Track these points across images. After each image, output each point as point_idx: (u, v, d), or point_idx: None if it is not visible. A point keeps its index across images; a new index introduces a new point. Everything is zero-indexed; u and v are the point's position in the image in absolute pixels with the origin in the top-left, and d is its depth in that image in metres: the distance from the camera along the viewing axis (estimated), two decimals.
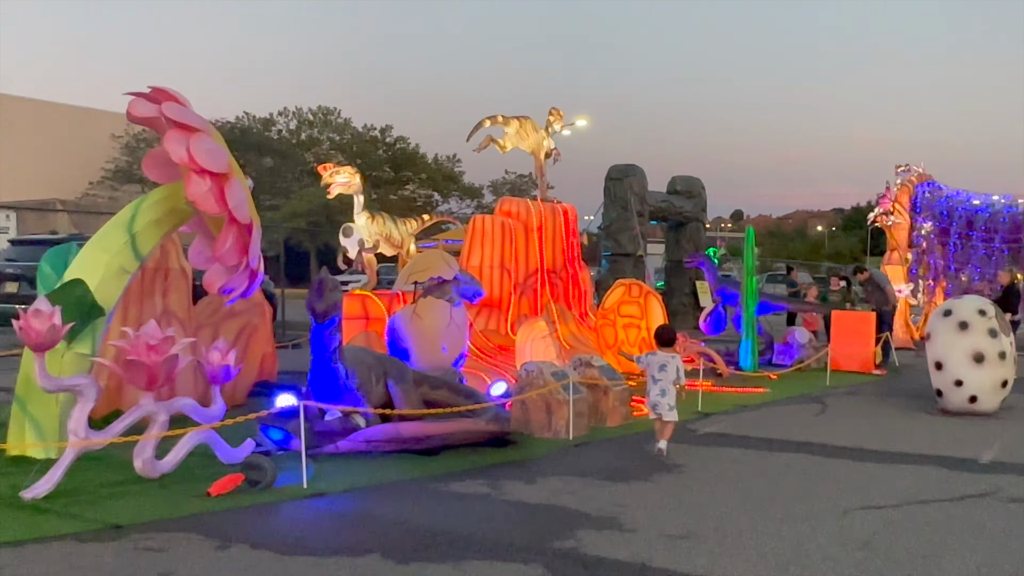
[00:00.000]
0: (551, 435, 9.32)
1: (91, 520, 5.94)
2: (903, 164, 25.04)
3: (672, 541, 5.74)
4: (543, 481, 7.39)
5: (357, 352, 8.82)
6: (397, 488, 7.10)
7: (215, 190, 7.48)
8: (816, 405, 12.31)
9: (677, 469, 8.00)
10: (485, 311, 14.97)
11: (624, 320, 14.65)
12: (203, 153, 7.38)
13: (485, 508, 6.51)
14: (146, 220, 7.91)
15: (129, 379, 6.89)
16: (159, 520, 6.00)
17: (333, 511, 6.38)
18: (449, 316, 10.74)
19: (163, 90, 7.69)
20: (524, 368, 9.73)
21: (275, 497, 6.68)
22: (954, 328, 11.49)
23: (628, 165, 25.00)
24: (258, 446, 8.01)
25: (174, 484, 6.95)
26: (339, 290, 8.25)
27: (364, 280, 14.73)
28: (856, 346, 16.60)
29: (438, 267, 10.97)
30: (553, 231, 16.10)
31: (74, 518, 5.98)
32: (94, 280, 7.58)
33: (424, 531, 5.85)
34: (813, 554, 5.54)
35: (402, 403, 8.81)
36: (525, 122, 16.06)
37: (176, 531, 5.77)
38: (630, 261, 24.08)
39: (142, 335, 6.85)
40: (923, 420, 11.14)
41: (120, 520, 5.95)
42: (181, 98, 7.73)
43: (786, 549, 5.62)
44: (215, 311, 10.77)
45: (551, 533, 5.86)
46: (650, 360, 8.73)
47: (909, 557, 5.52)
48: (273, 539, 5.64)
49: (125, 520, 5.96)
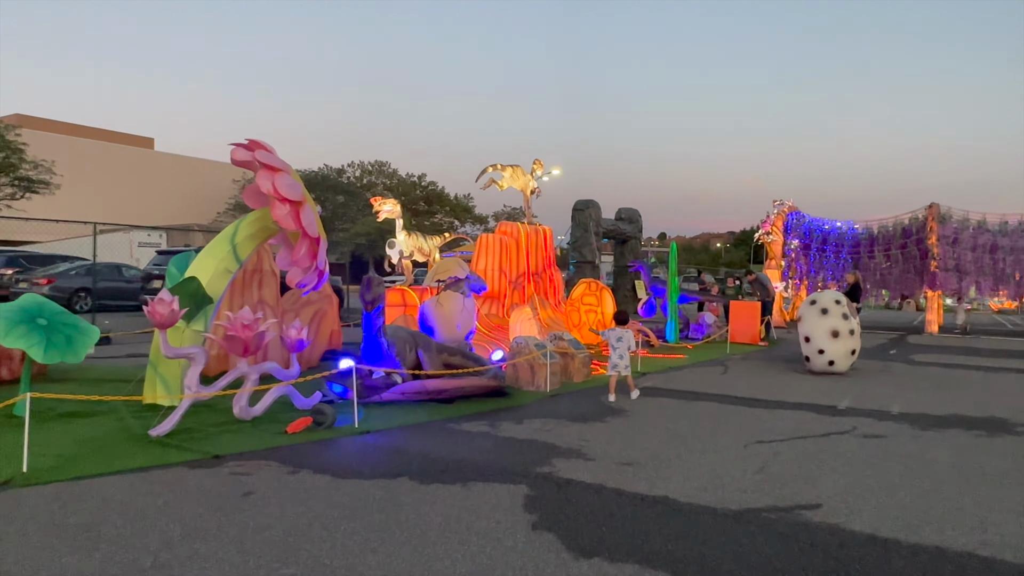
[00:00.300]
0: (534, 388, 8.95)
1: (199, 452, 5.55)
2: (778, 199, 24.80)
3: (621, 467, 5.37)
4: (528, 422, 7.02)
5: (396, 329, 8.44)
6: (423, 427, 6.71)
7: (293, 213, 7.11)
8: (721, 367, 11.93)
9: (624, 413, 7.63)
10: (488, 301, 14.65)
11: (585, 307, 14.26)
12: (284, 187, 7.01)
13: (485, 443, 6.13)
14: (244, 235, 7.52)
15: (229, 349, 6.50)
16: (249, 452, 5.62)
17: (376, 445, 6.00)
18: (462, 304, 10.37)
19: (256, 141, 7.32)
20: (515, 341, 9.36)
21: (335, 434, 6.30)
22: (818, 313, 11.14)
23: (588, 200, 24.89)
24: (324, 396, 7.64)
25: (262, 425, 6.56)
26: (382, 286, 7.89)
27: (404, 279, 14.38)
28: (747, 326, 16.25)
29: (454, 270, 10.63)
30: (536, 245, 15.81)
31: (186, 451, 5.59)
32: (205, 277, 7.20)
33: (441, 460, 5.48)
34: (723, 476, 5.18)
35: (428, 366, 8.45)
36: (516, 168, 15.79)
37: (260, 460, 5.39)
38: (589, 266, 24.13)
39: (238, 317, 6.48)
40: (797, 378, 10.77)
41: (220, 451, 5.57)
42: (269, 147, 7.35)
43: (703, 474, 5.26)
44: (296, 300, 10.36)
45: (533, 461, 5.49)
46: (610, 334, 8.58)
47: (793, 478, 5.16)
48: (331, 466, 5.27)
49: (224, 451, 5.58)
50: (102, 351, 11.66)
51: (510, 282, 14.87)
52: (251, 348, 6.50)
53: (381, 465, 5.32)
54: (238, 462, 5.31)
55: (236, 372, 6.56)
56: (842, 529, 4.13)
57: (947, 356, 14.72)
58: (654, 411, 7.79)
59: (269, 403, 6.79)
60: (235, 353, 6.51)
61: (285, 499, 4.46)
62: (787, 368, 11.94)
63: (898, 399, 8.89)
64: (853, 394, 9.22)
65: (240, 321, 6.43)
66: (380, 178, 63.82)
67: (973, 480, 5.22)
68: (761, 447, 6.15)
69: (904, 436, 6.74)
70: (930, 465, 5.64)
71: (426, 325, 10.27)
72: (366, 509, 4.30)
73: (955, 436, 6.78)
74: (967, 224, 21.78)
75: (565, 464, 5.43)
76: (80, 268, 19.89)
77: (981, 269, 21.00)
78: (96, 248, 15.04)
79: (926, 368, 12.43)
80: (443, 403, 7.84)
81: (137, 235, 31.28)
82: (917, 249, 21.71)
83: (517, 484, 4.87)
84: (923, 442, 6.48)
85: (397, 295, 12.55)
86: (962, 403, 8.68)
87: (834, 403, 8.51)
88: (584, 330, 13.71)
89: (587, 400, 8.40)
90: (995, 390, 9.96)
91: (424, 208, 63.93)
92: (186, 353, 6.26)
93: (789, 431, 6.86)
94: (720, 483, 5.02)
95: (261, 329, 6.56)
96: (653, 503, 4.55)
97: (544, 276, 16.02)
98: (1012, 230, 21.58)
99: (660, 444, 6.19)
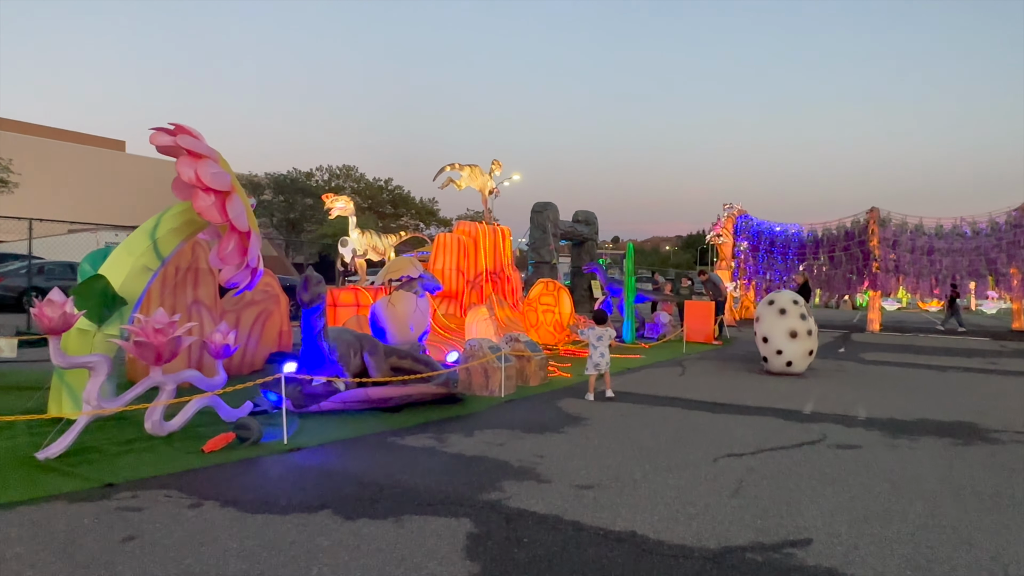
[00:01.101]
0: (488, 393, 7.99)
1: (89, 479, 4.45)
2: (728, 203, 24.29)
3: (580, 492, 4.43)
4: (479, 434, 6.04)
5: (339, 331, 7.38)
6: (361, 442, 5.68)
7: (218, 204, 6.02)
8: (678, 368, 11.11)
9: (582, 421, 6.70)
10: (445, 300, 13.66)
11: (543, 307, 13.32)
12: (208, 174, 5.91)
13: (429, 461, 5.13)
14: (167, 228, 6.38)
15: (139, 356, 5.39)
16: (150, 478, 4.54)
17: (303, 465, 4.96)
18: (415, 304, 9.37)
19: (181, 125, 6.21)
20: (468, 343, 8.37)
21: (259, 452, 5.24)
22: (776, 313, 10.37)
23: (546, 202, 24.18)
24: (256, 406, 6.57)
25: (179, 441, 5.48)
26: (322, 284, 6.83)
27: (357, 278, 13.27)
28: (702, 325, 15.50)
29: (407, 268, 9.62)
30: (494, 245, 14.87)
31: (75, 477, 4.49)
32: (120, 276, 6.06)
33: (375, 485, 4.47)
34: (695, 502, 4.28)
35: (374, 371, 7.42)
36: (475, 168, 14.84)
37: (160, 488, 4.32)
38: (547, 267, 23.50)
39: (150, 320, 5.38)
40: (755, 379, 9.99)
41: (115, 478, 4.49)
42: (195, 132, 6.24)
43: (673, 498, 4.35)
44: (239, 300, 9.20)
45: (481, 485, 4.52)
46: (590, 333, 8.02)
47: (773, 503, 4.29)
48: (244, 495, 4.22)
49: (119, 478, 4.49)
50: (39, 354, 10.31)
51: (468, 282, 13.89)
52: (165, 355, 5.40)
53: (304, 493, 4.29)
54: (133, 492, 4.23)
55: (147, 382, 5.44)
56: (843, 575, 3.25)
57: (894, 355, 14.17)
58: (614, 419, 6.88)
59: (188, 416, 5.70)
60: (146, 361, 5.41)
61: (172, 546, 3.41)
62: (744, 368, 11.17)
63: (861, 402, 8.14)
64: (815, 397, 8.45)
65: (152, 325, 5.33)
66: (348, 182, 62.50)
67: (970, 503, 4.41)
68: (732, 462, 5.28)
69: (879, 446, 5.93)
70: (918, 483, 4.82)
71: (377, 326, 9.25)
72: (271, 560, 3.28)
73: (931, 445, 6.01)
74: (905, 227, 21.48)
75: (517, 488, 4.47)
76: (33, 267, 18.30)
77: (920, 270, 20.68)
78: (32, 246, 13.57)
79: (878, 368, 11.79)
80: (389, 412, 6.82)
81: (104, 235, 29.53)
82: (860, 251, 21.32)
83: (460, 518, 3.90)
84: (901, 453, 5.68)
85: (350, 294, 11.47)
86: (926, 406, 7.97)
87: (798, 407, 7.71)
88: (542, 331, 12.78)
89: (544, 406, 7.46)
90: (951, 391, 9.31)
91: (391, 211, 62.80)
92: (84, 362, 5.13)
93: (758, 441, 6.00)
94: (693, 511, 4.11)
95: (176, 334, 5.47)
96: (618, 541, 3.61)
97: (502, 276, 15.10)
98: (947, 233, 21.35)
99: (623, 460, 5.27)
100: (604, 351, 7.93)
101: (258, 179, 57.37)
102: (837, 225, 22.77)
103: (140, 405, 5.35)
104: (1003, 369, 11.87)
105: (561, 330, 12.83)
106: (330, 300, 11.56)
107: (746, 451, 5.63)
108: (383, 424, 6.32)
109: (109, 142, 61.11)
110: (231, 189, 6.09)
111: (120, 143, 62.80)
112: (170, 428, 5.57)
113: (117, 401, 5.25)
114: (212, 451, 5.16)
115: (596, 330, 8.02)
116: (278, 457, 5.15)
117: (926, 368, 11.84)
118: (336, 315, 11.42)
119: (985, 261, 20.36)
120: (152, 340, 5.29)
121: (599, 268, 19.96)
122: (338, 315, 11.36)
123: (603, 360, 7.91)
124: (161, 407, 5.49)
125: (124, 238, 6.40)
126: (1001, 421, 7.12)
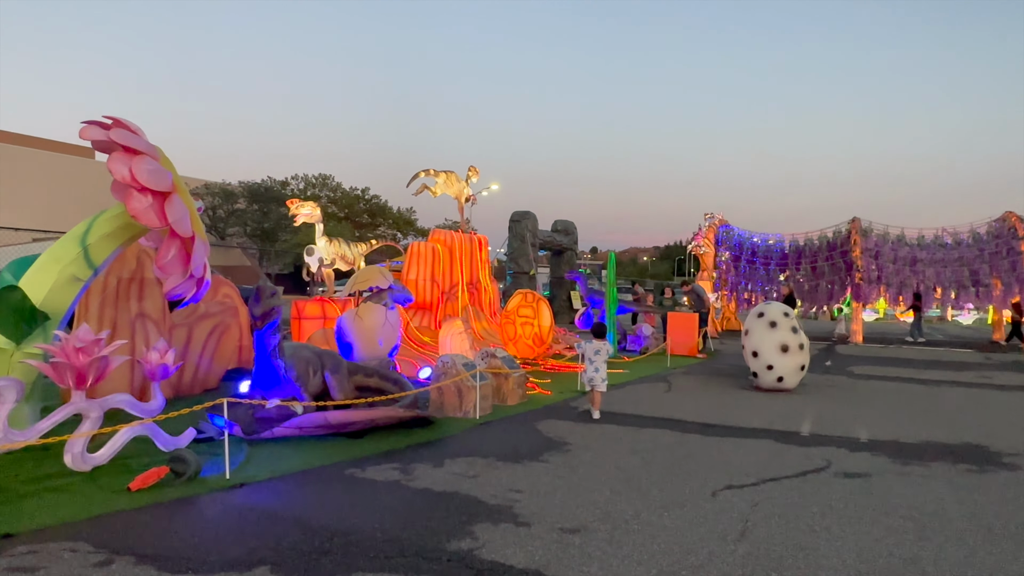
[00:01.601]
0: (462, 414, 7.35)
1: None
2: (709, 212, 23.96)
3: (564, 538, 3.82)
4: (450, 463, 5.41)
5: (297, 348, 6.72)
6: (315, 475, 5.02)
7: (156, 206, 5.36)
8: (664, 384, 10.55)
9: (564, 447, 6.10)
10: (420, 312, 13.04)
11: (522, 319, 12.73)
12: (144, 172, 5.25)
13: (391, 498, 4.49)
14: (100, 234, 5.70)
15: (57, 379, 4.70)
16: (60, 525, 3.86)
17: (245, 506, 4.29)
18: (384, 317, 8.72)
19: (116, 119, 5.54)
20: (440, 360, 7.74)
21: (196, 489, 4.57)
22: (766, 326, 9.88)
23: (525, 211, 23.81)
24: (201, 433, 5.87)
25: (105, 477, 4.78)
26: (277, 296, 6.16)
27: (324, 289, 12.57)
28: (685, 337, 15.01)
29: (375, 279, 8.96)
30: (471, 254, 14.31)
31: None
32: (44, 287, 5.37)
33: (324, 532, 3.82)
34: (698, 550, 3.69)
35: (337, 391, 6.76)
36: (450, 174, 14.26)
37: (68, 539, 3.64)
38: (526, 277, 23.11)
39: (71, 338, 4.69)
40: (745, 396, 9.47)
41: (15, 526, 3.79)
42: (133, 126, 5.58)
43: (672, 546, 3.75)
44: (191, 313, 8.49)
45: (450, 530, 3.89)
46: (588, 347, 7.59)
47: (787, 550, 3.71)
48: (165, 549, 3.55)
49: (20, 526, 3.80)
50: None
51: (443, 293, 13.27)
52: (88, 378, 4.72)
53: (240, 543, 3.64)
54: (32, 546, 3.54)
55: (68, 409, 4.75)
56: None
57: (883, 368, 13.77)
58: (600, 443, 6.29)
59: (117, 448, 5.00)
60: (64, 384, 4.72)
61: None
62: (732, 384, 10.65)
63: (860, 422, 7.64)
64: (810, 416, 7.93)
65: (72, 343, 4.64)
66: (324, 191, 61.56)
67: (1006, 546, 3.87)
68: (733, 496, 4.71)
69: (889, 474, 5.41)
70: (943, 520, 4.28)
71: (344, 341, 8.59)
72: None
73: (945, 472, 5.49)
74: (887, 238, 21.28)
75: (491, 533, 3.85)
76: None
77: (903, 281, 20.45)
78: None
79: (869, 383, 11.35)
80: (351, 437, 6.17)
81: None
82: (843, 261, 21.05)
83: (420, 574, 3.27)
84: (915, 483, 5.16)
85: (317, 306, 10.79)
86: (928, 426, 7.49)
87: (794, 428, 7.19)
88: (520, 344, 12.19)
89: (522, 429, 6.85)
90: (950, 408, 8.87)
91: (368, 221, 61.89)
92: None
93: (758, 469, 5.45)
94: (696, 560, 3.53)
95: (104, 352, 4.79)
96: None
97: (479, 286, 14.52)
98: (929, 244, 21.17)
99: (611, 495, 4.67)
100: (600, 366, 7.50)
101: (232, 187, 56.23)
102: (819, 235, 22.53)
103: (59, 437, 4.65)
104: (997, 383, 11.50)
105: (541, 343, 12.24)
106: (295, 313, 10.87)
107: (746, 482, 5.07)
108: (343, 452, 5.66)
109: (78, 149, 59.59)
110: (171, 189, 5.43)
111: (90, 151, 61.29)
112: (95, 462, 4.87)
113: (29, 432, 4.55)
114: (140, 489, 4.48)
115: (594, 343, 7.60)
116: (217, 496, 4.48)
117: (918, 383, 11.42)
118: (301, 328, 10.73)
119: (968, 272, 20.17)
120: (72, 360, 4.61)
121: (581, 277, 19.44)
122: (303, 328, 10.68)
123: (598, 376, 7.48)
124: (83, 438, 4.80)
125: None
126: (1011, 443, 6.65)
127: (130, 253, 7.28)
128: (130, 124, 5.61)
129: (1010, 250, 19.89)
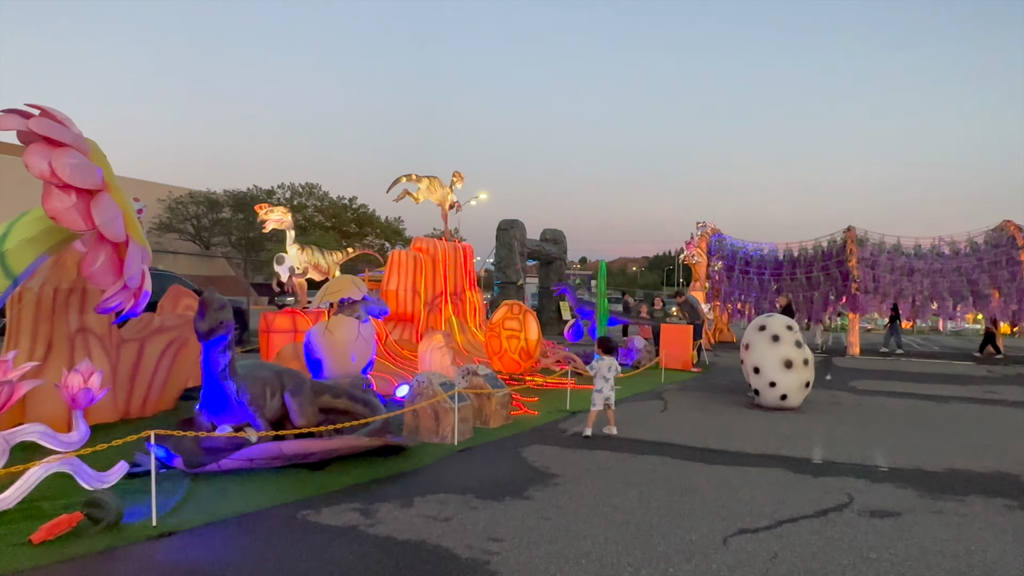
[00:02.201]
0: (439, 440, 6.65)
1: None
2: (701, 221, 23.44)
3: None
4: (420, 502, 4.70)
5: (252, 368, 6.00)
6: (260, 519, 4.29)
7: (81, 206, 4.65)
8: (659, 401, 9.87)
9: (552, 480, 5.40)
10: (400, 325, 12.33)
11: (507, 332, 12.04)
12: (66, 167, 4.55)
13: (346, 551, 3.77)
14: (19, 238, 4.97)
15: None
16: None
17: (167, 564, 3.56)
18: (357, 331, 8.03)
19: (40, 107, 4.84)
20: (416, 379, 7.04)
21: (112, 541, 3.83)
22: (768, 340, 9.25)
23: (513, 220, 23.22)
24: (136, 466, 5.13)
25: (8, 524, 4.04)
26: (226, 310, 5.46)
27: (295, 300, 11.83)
28: (679, 350, 14.36)
29: (348, 289, 8.26)
30: (455, 263, 13.65)
31: None
32: None
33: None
34: None
35: (297, 415, 6.05)
36: (434, 180, 13.61)
37: None
38: (513, 287, 22.50)
39: None
40: (747, 416, 8.80)
41: None
42: (59, 115, 4.87)
43: None
44: (144, 327, 7.72)
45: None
46: (601, 364, 7.29)
47: None
48: None
49: None
50: None
51: (425, 304, 12.58)
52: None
53: None
54: None
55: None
56: None
57: (885, 383, 13.17)
58: (592, 475, 5.60)
59: (27, 488, 4.26)
60: None
61: None
62: (732, 401, 10.00)
63: (875, 445, 7.00)
64: (820, 440, 7.28)
65: None
66: (311, 200, 60.80)
67: None
68: (748, 543, 4.03)
69: (921, 512, 4.75)
70: (998, 572, 3.63)
71: (312, 357, 7.88)
72: None
73: (983, 510, 4.84)
74: (883, 247, 20.80)
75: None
76: None
77: (900, 291, 19.94)
78: None
79: (875, 399, 10.74)
80: (310, 468, 5.45)
81: None
82: (838, 271, 20.54)
83: None
84: (952, 523, 4.51)
85: (287, 319, 10.06)
86: (949, 450, 6.87)
87: (805, 454, 6.54)
88: (506, 359, 11.49)
89: (505, 457, 6.16)
90: (966, 428, 8.26)
91: (355, 230, 61.16)
92: None
93: (772, 508, 4.78)
94: None
95: (9, 377, 4.07)
96: None
97: (463, 297, 13.85)
98: (926, 253, 20.70)
99: (605, 542, 3.98)
100: (614, 385, 7.35)
101: (217, 196, 55.35)
102: (814, 245, 22.03)
103: None
104: (1007, 400, 10.92)
105: (528, 358, 11.55)
106: (263, 326, 10.13)
107: (761, 524, 4.39)
108: (297, 489, 4.94)
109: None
110: (100, 187, 4.73)
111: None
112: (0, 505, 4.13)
113: None
114: (45, 541, 3.75)
115: (606, 360, 7.30)
116: (138, 548, 3.76)
117: (925, 399, 10.83)
118: (270, 342, 9.99)
119: (966, 282, 19.70)
120: None
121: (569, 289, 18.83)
122: (272, 342, 9.94)
123: (612, 394, 7.34)
124: None
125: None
126: None
127: (70, 260, 6.54)
128: (57, 113, 4.91)
129: (1009, 260, 19.45)
